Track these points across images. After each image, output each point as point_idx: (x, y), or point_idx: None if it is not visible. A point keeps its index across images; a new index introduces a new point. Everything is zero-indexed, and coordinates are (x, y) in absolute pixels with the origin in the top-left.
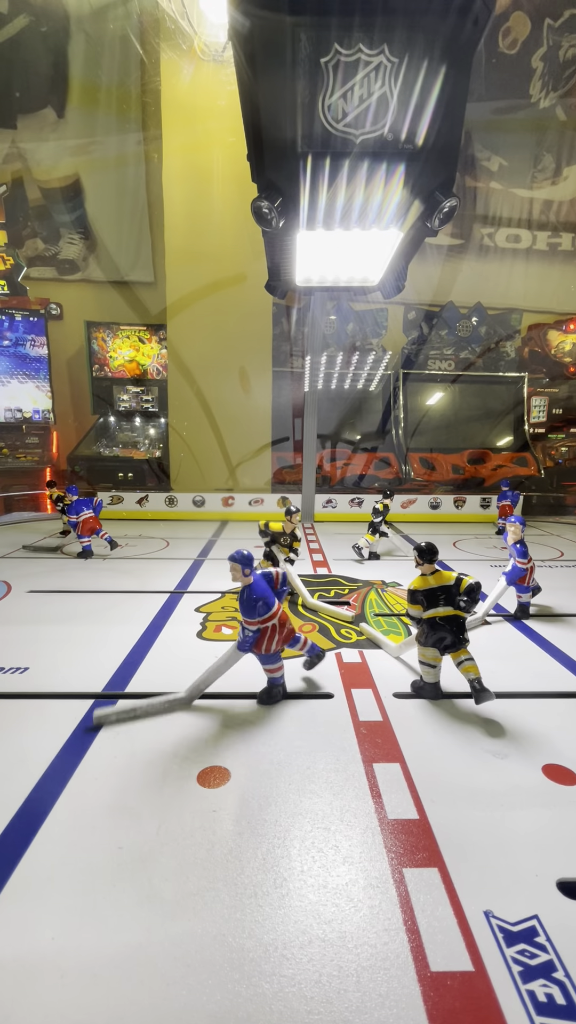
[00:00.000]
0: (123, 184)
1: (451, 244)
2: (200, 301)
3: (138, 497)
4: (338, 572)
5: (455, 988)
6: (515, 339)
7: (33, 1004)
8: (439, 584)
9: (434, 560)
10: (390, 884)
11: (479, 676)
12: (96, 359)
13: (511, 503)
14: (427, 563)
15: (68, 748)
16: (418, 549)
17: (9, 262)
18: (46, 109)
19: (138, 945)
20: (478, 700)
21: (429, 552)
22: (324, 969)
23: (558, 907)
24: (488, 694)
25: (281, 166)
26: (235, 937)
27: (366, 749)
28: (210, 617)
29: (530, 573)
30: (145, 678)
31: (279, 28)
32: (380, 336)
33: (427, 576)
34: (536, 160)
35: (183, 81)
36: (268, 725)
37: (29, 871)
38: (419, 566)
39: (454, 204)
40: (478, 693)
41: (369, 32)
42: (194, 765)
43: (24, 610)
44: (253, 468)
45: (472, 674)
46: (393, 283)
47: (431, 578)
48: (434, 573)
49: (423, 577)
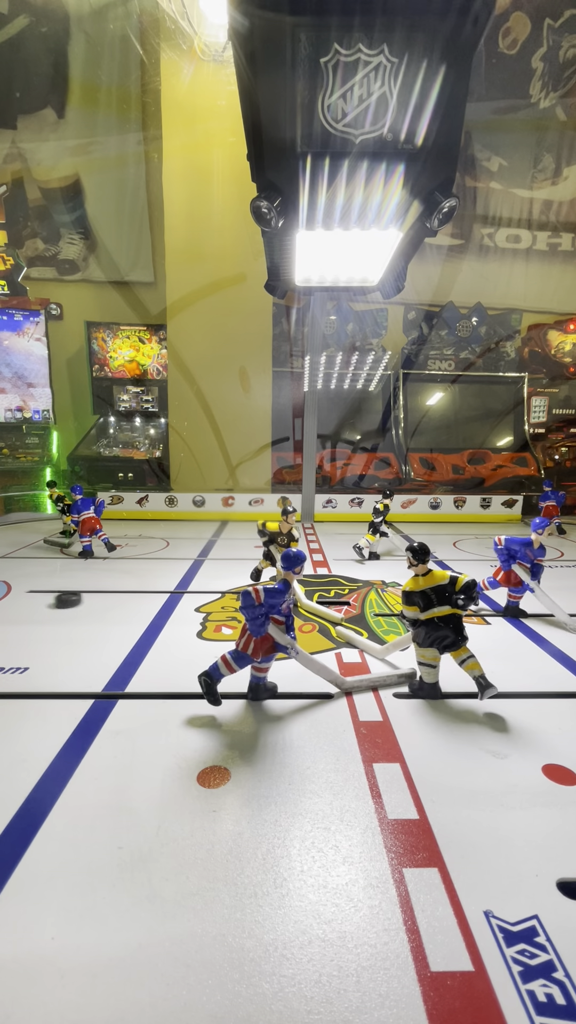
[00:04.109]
0: (123, 184)
1: (451, 244)
2: (200, 301)
3: (138, 497)
4: (338, 572)
5: (455, 988)
6: (515, 339)
7: (33, 1004)
8: (431, 585)
9: (427, 560)
10: (390, 884)
11: (483, 673)
12: (96, 359)
13: (556, 503)
14: (420, 563)
15: (68, 748)
16: (411, 550)
17: (9, 262)
18: (46, 109)
19: (138, 945)
20: (482, 695)
21: (422, 552)
22: (324, 969)
23: (558, 907)
24: (492, 688)
25: (281, 166)
26: (235, 937)
27: (366, 749)
28: (210, 617)
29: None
30: (145, 678)
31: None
32: (380, 336)
33: (419, 577)
34: (536, 160)
35: (183, 81)
36: (268, 725)
37: (29, 871)
38: (412, 567)
39: (454, 204)
40: (483, 689)
41: (369, 32)
42: (194, 765)
43: (24, 610)
44: (253, 468)
45: (476, 671)
46: (393, 283)
47: (422, 579)
48: (427, 574)
49: (415, 578)
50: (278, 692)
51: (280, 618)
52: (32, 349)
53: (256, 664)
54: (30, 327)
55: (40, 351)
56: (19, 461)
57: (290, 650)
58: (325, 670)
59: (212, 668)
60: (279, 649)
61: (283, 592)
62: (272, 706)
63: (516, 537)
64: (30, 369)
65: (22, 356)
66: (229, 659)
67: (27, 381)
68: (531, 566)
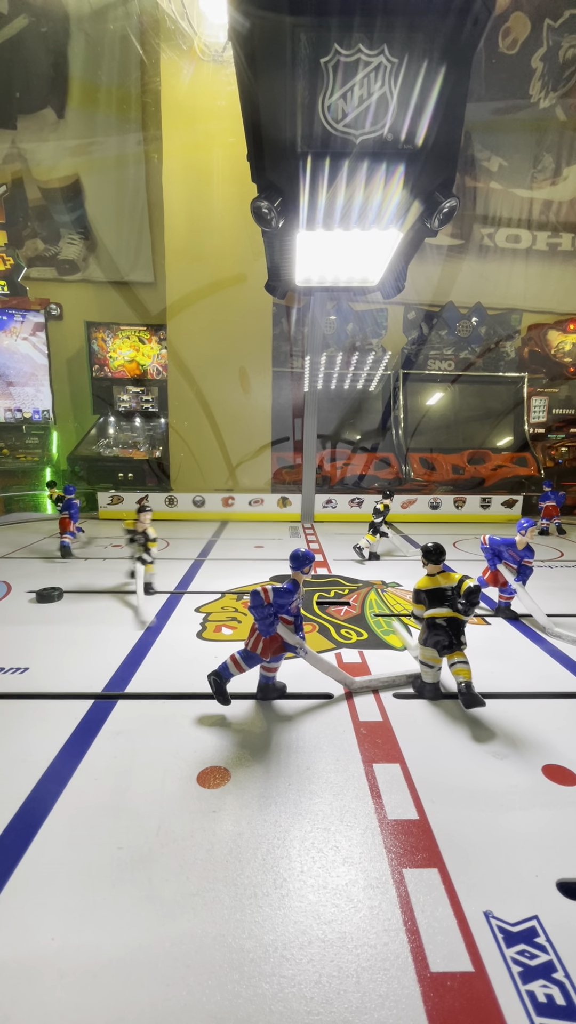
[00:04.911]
0: (123, 184)
1: (451, 244)
2: (200, 301)
3: (138, 497)
4: (338, 572)
5: (455, 989)
6: (515, 339)
7: (33, 1004)
8: (447, 584)
9: (440, 561)
10: (390, 885)
11: (469, 680)
12: (96, 359)
13: (556, 503)
14: (433, 564)
15: (68, 748)
16: (424, 550)
17: (9, 262)
18: (46, 109)
19: (138, 946)
20: (467, 704)
21: (435, 553)
22: (324, 970)
23: (558, 907)
24: (478, 700)
25: (281, 166)
26: (235, 938)
27: (366, 749)
28: (210, 617)
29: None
30: (145, 678)
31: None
32: (380, 336)
33: (434, 576)
34: (536, 160)
35: (183, 81)
36: (268, 725)
37: (29, 871)
38: (426, 566)
39: (454, 204)
40: (465, 696)
41: (369, 32)
42: (194, 765)
43: (24, 610)
44: (253, 468)
45: (462, 677)
46: (393, 283)
47: (439, 577)
48: (441, 573)
49: (430, 577)
50: (287, 692)
51: (289, 618)
52: (17, 347)
53: (265, 664)
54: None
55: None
56: (19, 461)
57: (299, 650)
58: (334, 670)
59: (222, 667)
60: (288, 649)
61: (292, 592)
62: (272, 707)
63: (500, 537)
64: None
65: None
66: (238, 658)
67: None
68: (518, 566)
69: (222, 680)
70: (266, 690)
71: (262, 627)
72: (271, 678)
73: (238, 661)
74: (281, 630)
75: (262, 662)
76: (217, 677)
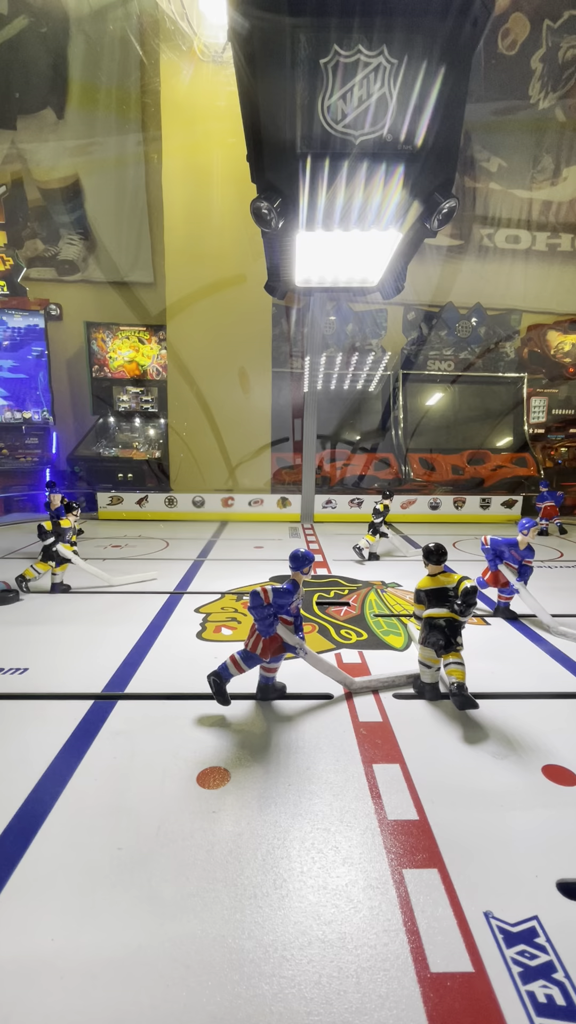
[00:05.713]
0: (123, 185)
1: (450, 245)
2: (200, 302)
3: (138, 498)
4: (338, 573)
5: (455, 989)
6: (514, 340)
7: (32, 1005)
8: (439, 585)
9: (441, 562)
10: (390, 885)
11: (462, 681)
12: (96, 360)
13: (555, 504)
14: (433, 564)
15: (68, 749)
16: (426, 550)
17: (9, 262)
18: (46, 110)
19: (138, 946)
20: (459, 705)
21: (436, 553)
22: (324, 970)
23: (558, 908)
24: (470, 701)
25: (280, 167)
26: (235, 938)
27: (366, 750)
28: (210, 618)
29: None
30: (145, 679)
31: (279, 29)
32: (379, 337)
33: (436, 576)
34: (535, 161)
35: (183, 82)
36: (268, 725)
37: (29, 871)
38: (427, 566)
39: (453, 205)
40: (457, 697)
41: (368, 33)
42: (194, 765)
43: (24, 610)
44: (253, 469)
45: (454, 678)
46: (392, 284)
47: (442, 577)
48: (443, 573)
49: (431, 577)
50: (287, 693)
51: (289, 618)
52: None
53: (265, 664)
54: None
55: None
56: (19, 461)
57: (299, 650)
58: (334, 671)
59: (221, 668)
60: (287, 649)
61: (292, 593)
62: (272, 707)
63: (502, 537)
64: None
65: None
66: (238, 659)
67: None
68: (518, 566)
69: (222, 680)
70: (266, 690)
71: (262, 627)
72: (271, 678)
73: (238, 661)
74: (281, 630)
75: (262, 662)
76: (217, 677)
